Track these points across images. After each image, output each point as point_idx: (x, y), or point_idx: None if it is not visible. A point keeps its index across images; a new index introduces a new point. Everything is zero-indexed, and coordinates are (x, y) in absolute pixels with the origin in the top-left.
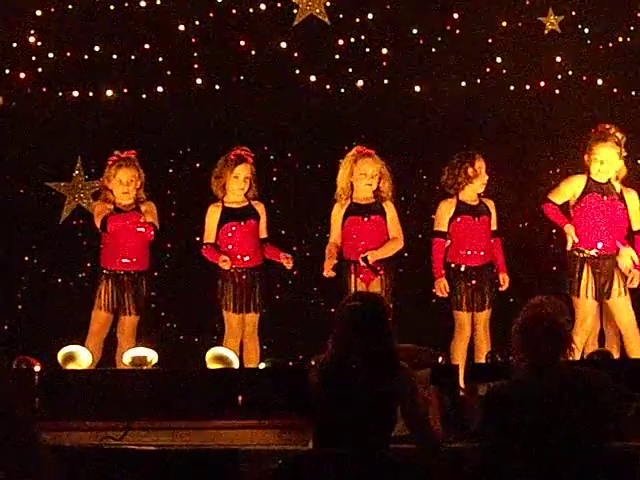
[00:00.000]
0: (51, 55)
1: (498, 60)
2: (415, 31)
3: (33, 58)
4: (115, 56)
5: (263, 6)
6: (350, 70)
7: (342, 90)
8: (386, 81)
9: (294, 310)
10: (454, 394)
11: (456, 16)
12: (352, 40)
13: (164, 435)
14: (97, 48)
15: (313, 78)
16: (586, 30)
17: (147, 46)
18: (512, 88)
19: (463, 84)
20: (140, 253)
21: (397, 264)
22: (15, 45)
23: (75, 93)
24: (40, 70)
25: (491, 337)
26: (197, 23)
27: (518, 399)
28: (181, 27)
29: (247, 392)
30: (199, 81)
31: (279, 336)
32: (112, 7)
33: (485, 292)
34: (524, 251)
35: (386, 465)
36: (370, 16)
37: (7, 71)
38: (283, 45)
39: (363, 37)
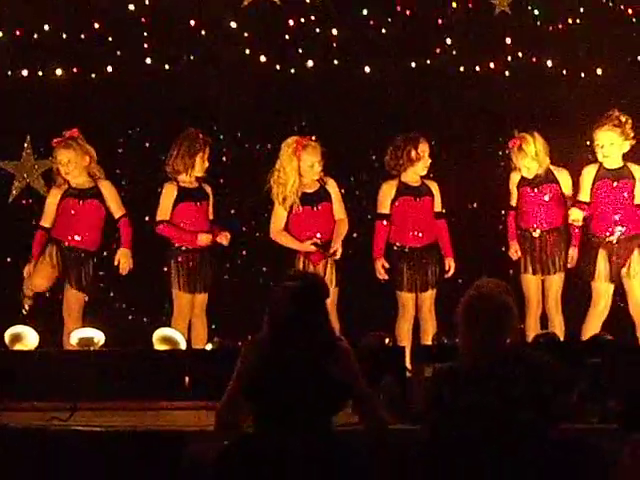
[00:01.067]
0: (0, 34)
1: (448, 41)
2: (365, 12)
3: None
4: (64, 35)
5: None
6: (300, 50)
7: (292, 70)
8: (336, 61)
9: (243, 290)
10: (400, 375)
11: None
12: (302, 20)
13: (111, 416)
14: (46, 27)
15: (263, 58)
16: (536, 11)
17: (97, 25)
18: (462, 69)
19: (413, 65)
20: (91, 232)
21: (345, 245)
22: None
23: (24, 72)
24: None
25: (438, 318)
26: (147, 3)
27: (463, 380)
28: (131, 7)
29: (194, 373)
30: (149, 61)
31: (227, 316)
32: None
33: (428, 273)
34: (471, 232)
35: (331, 446)
36: None
37: None
38: (233, 25)
39: (313, 17)
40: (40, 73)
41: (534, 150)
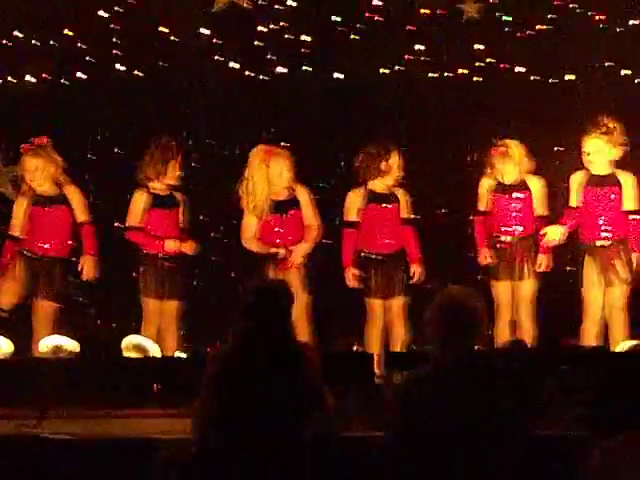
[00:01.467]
0: None
1: (417, 47)
2: (335, 18)
3: None
4: (34, 41)
5: None
6: (270, 57)
7: (262, 77)
8: (306, 68)
9: (212, 297)
10: (369, 382)
11: (376, 2)
12: (272, 26)
13: (80, 424)
14: (17, 33)
15: (233, 64)
16: (504, 18)
17: (67, 31)
18: (431, 75)
19: (382, 71)
20: (60, 239)
21: (314, 251)
22: None
23: None
24: None
25: (408, 324)
26: (117, 9)
27: (431, 388)
28: (101, 12)
29: (165, 380)
30: (119, 67)
31: (196, 323)
32: None
33: (396, 279)
34: (440, 238)
35: (302, 453)
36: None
37: None
38: (204, 31)
39: (283, 23)
40: (10, 79)
41: (518, 156)
